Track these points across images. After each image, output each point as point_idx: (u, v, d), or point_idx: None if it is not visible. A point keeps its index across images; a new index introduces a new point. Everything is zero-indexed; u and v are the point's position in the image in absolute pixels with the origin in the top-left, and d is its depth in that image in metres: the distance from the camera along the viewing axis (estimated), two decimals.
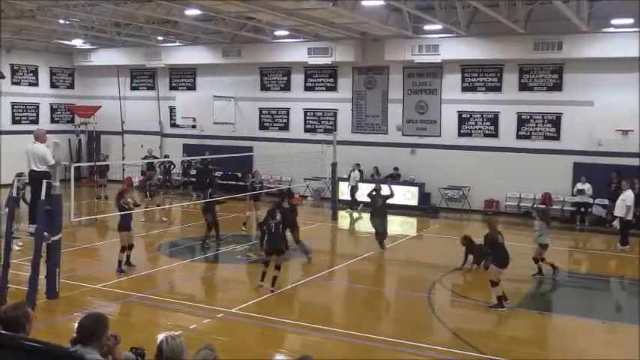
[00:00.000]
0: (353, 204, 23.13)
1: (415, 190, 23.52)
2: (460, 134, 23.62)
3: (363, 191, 22.82)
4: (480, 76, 23.15)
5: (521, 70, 22.37)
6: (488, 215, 15.03)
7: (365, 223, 21.96)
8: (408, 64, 23.63)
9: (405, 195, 23.24)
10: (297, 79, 26.55)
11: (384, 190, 16.82)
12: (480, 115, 23.27)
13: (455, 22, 20.00)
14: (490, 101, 23.04)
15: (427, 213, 23.01)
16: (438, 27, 20.53)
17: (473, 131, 23.43)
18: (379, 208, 16.71)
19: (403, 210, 22.53)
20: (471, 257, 14.72)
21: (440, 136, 23.89)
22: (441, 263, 15.38)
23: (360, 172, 24.03)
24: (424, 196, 23.58)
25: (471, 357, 9.52)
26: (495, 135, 23.07)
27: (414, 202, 23.32)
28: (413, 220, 22.43)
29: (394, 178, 23.93)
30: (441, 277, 14.21)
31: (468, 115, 23.45)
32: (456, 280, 14.48)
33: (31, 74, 29.73)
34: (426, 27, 21.28)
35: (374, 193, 16.84)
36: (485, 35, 21.49)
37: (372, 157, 24.35)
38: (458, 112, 23.57)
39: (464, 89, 23.45)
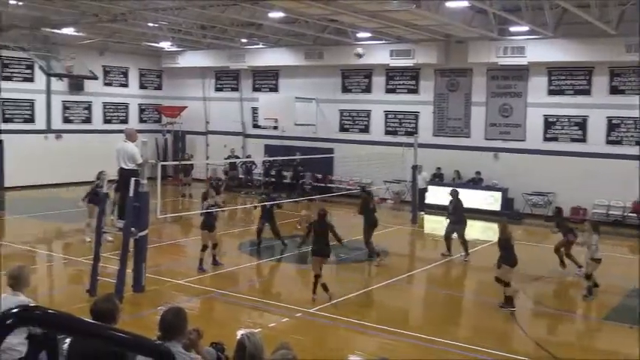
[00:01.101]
0: (421, 207, 22.73)
1: (498, 195, 23.00)
2: (546, 139, 22.94)
3: (433, 194, 22.67)
4: (567, 78, 22.41)
5: (612, 73, 21.51)
6: (502, 219, 14.67)
7: (443, 227, 21.72)
8: (492, 66, 23.17)
9: (487, 200, 22.80)
10: (379, 81, 26.48)
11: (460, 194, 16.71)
12: (567, 120, 22.53)
13: (542, 24, 19.44)
14: (578, 105, 22.26)
15: (510, 219, 22.41)
16: (525, 28, 20.02)
17: (559, 136, 22.71)
18: (459, 213, 16.48)
19: (485, 215, 22.09)
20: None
21: (525, 140, 23.29)
22: (523, 271, 14.95)
23: (440, 175, 23.70)
24: (507, 202, 23.03)
25: None
26: (583, 140, 22.28)
27: (497, 207, 22.79)
28: (495, 226, 21.90)
29: (476, 182, 23.54)
30: (523, 285, 13.83)
31: (555, 119, 22.74)
32: (539, 289, 14.07)
33: (122, 75, 30.93)
34: (512, 28, 20.80)
35: (452, 197, 16.62)
36: (573, 37, 20.74)
37: (453, 161, 24.00)
38: (544, 115, 22.90)
39: (550, 92, 22.76)
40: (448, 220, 16.72)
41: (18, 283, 6.65)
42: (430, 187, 23.08)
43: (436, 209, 22.82)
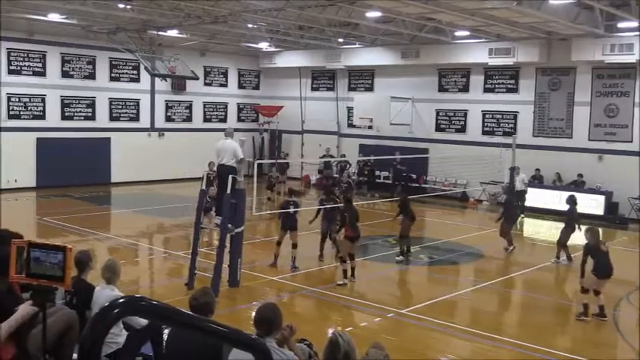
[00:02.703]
0: (521, 209, 22.02)
1: (601, 198, 22.02)
2: None
3: (532, 196, 21.93)
4: None
5: None
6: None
7: (543, 230, 21.03)
8: (597, 64, 22.20)
9: (589, 204, 21.86)
10: (477, 80, 25.95)
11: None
12: None
13: None
14: None
15: (614, 224, 21.45)
16: (634, 24, 19.04)
17: None
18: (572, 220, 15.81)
19: (587, 219, 21.19)
20: None
21: (631, 141, 22.16)
22: (628, 278, 14.26)
23: (540, 177, 22.95)
24: (611, 206, 22.01)
25: None
26: None
27: (600, 211, 21.81)
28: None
29: (578, 185, 22.63)
30: (628, 294, 13.19)
31: None
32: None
33: (222, 76, 31.80)
34: (620, 24, 19.85)
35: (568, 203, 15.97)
36: None
37: (553, 163, 23.19)
38: None
39: None
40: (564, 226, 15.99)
41: (111, 276, 7.01)
42: (530, 189, 22.35)
43: (536, 212, 22.22)
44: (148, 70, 24.39)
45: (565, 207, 16.28)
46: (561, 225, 16.15)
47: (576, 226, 15.54)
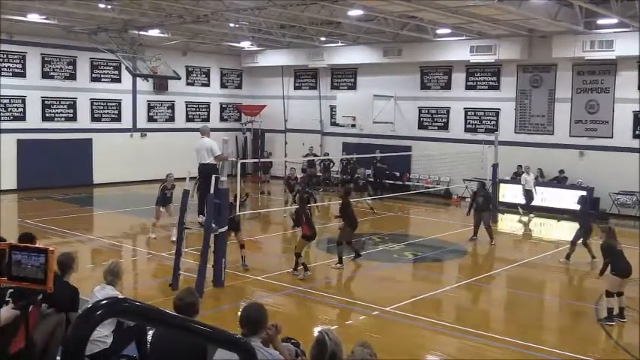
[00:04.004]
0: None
1: (583, 194, 22.18)
2: (635, 136, 21.97)
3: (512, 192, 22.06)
4: None
5: None
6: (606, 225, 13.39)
7: (527, 228, 21.18)
8: (577, 61, 22.39)
9: (571, 199, 22.04)
10: (459, 77, 26.07)
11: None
12: None
13: (632, 15, 18.63)
14: None
15: (595, 219, 21.62)
16: (613, 21, 19.24)
17: None
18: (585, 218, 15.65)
19: (569, 215, 21.39)
20: None
21: (612, 137, 22.40)
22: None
23: (522, 173, 23.13)
24: (593, 201, 22.19)
25: None
26: None
27: None
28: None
29: (560, 181, 22.83)
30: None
31: None
32: (627, 292, 13.47)
33: (204, 75, 31.68)
34: (600, 21, 20.03)
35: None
36: None
37: (535, 159, 23.36)
38: (633, 112, 21.94)
39: None
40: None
41: (112, 277, 6.99)
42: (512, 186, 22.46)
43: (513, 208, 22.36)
44: (129, 71, 24.24)
45: (576, 206, 16.26)
46: (544, 220, 16.27)
47: (591, 224, 15.28)
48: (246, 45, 29.00)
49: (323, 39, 26.83)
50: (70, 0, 19.32)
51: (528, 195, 21.79)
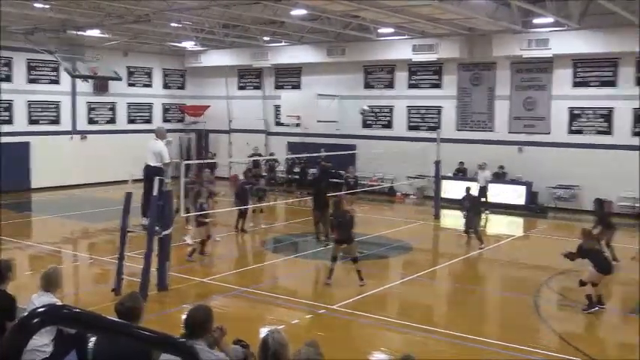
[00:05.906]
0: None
1: (522, 189, 22.83)
2: (571, 131, 22.70)
3: (453, 188, 22.34)
4: (593, 70, 22.16)
5: (638, 64, 21.17)
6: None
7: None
8: (516, 59, 22.98)
9: (511, 194, 22.65)
10: (401, 76, 26.39)
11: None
12: (592, 112, 22.29)
13: (566, 15, 19.22)
14: (604, 97, 22.00)
15: (535, 213, 22.27)
16: (549, 20, 19.80)
17: (584, 128, 22.46)
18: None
19: (509, 209, 21.95)
20: None
21: (549, 133, 23.08)
22: (548, 265, 14.84)
23: (463, 169, 23.54)
24: (531, 196, 22.84)
25: None
26: (609, 132, 22.01)
27: (521, 201, 22.64)
28: (519, 220, 21.80)
29: (499, 176, 23.36)
30: (548, 279, 13.72)
31: (580, 112, 22.51)
32: (564, 283, 13.92)
33: (146, 76, 31.18)
34: (536, 20, 20.58)
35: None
36: (598, 28, 20.44)
37: (476, 155, 23.84)
38: (569, 108, 22.67)
39: (575, 84, 22.53)
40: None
41: (50, 283, 6.78)
42: (454, 182, 22.84)
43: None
44: (68, 72, 23.70)
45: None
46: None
47: (611, 224, 15.19)
48: (189, 45, 28.70)
49: (267, 39, 26.77)
50: None
51: (482, 192, 21.84)
